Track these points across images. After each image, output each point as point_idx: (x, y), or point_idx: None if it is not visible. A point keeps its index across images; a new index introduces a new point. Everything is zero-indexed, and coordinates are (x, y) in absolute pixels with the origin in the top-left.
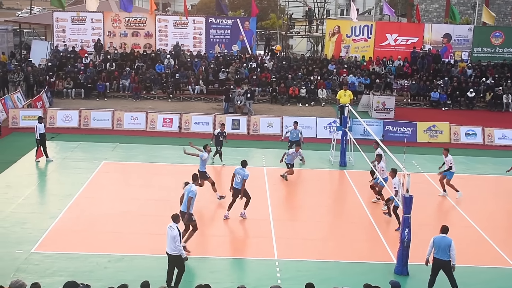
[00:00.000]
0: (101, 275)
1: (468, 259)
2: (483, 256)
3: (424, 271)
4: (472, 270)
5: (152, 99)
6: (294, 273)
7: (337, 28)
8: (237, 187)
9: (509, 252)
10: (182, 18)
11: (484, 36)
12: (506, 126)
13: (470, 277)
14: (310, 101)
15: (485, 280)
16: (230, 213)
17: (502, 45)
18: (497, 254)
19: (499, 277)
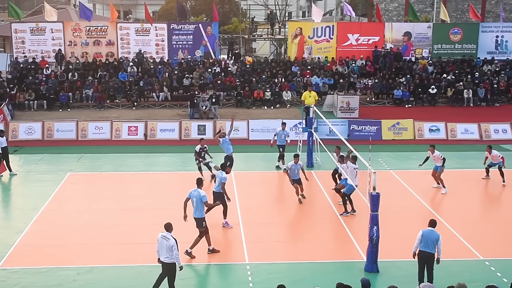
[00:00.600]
0: None
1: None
2: (450, 249)
3: (395, 268)
4: (441, 263)
5: (117, 108)
6: (266, 276)
7: (299, 30)
8: (216, 190)
9: (475, 244)
10: (144, 26)
11: (443, 33)
12: (468, 121)
13: (438, 270)
14: (275, 104)
15: (453, 272)
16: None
17: (461, 41)
18: (463, 246)
19: (466, 269)
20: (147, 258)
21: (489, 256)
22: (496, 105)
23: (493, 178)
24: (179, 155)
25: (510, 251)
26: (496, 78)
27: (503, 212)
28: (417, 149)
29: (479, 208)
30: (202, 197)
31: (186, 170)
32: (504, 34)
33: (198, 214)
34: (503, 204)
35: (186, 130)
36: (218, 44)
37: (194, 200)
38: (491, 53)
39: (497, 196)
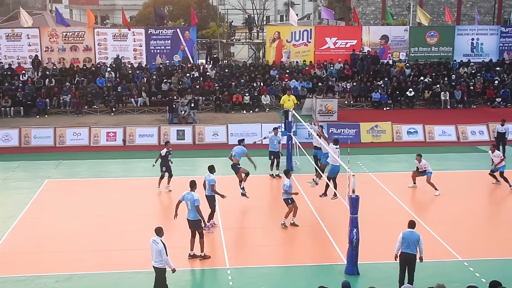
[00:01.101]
0: None
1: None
2: (429, 250)
3: (375, 270)
4: (420, 265)
5: (95, 114)
6: (247, 281)
7: (277, 34)
8: (208, 194)
9: (454, 245)
10: (121, 31)
11: (420, 36)
12: (446, 123)
13: (418, 271)
14: (254, 108)
15: (432, 273)
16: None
17: (437, 44)
18: (442, 248)
19: (445, 270)
20: (127, 264)
21: (468, 257)
22: (473, 107)
23: (468, 179)
24: (159, 160)
25: (488, 252)
26: (472, 80)
27: (481, 213)
28: (395, 152)
29: (458, 209)
30: (195, 201)
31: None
32: (480, 36)
33: (193, 216)
34: (481, 205)
35: (165, 135)
36: (196, 49)
37: (189, 203)
38: (467, 56)
39: (476, 197)
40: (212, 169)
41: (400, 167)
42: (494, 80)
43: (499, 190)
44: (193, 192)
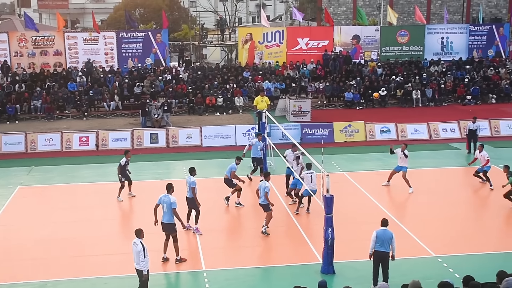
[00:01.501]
0: None
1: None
2: (404, 248)
3: (350, 269)
4: (395, 262)
5: (67, 119)
6: (223, 283)
7: (249, 36)
8: (189, 196)
9: (427, 241)
10: (92, 34)
11: (391, 36)
12: (417, 121)
13: (392, 269)
14: (227, 110)
15: (407, 270)
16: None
17: (408, 43)
18: (416, 244)
19: (419, 267)
20: (102, 270)
21: (441, 253)
22: (444, 104)
23: (440, 176)
24: (132, 164)
25: (461, 247)
26: (442, 79)
27: (453, 209)
28: (369, 151)
29: (431, 206)
30: (172, 204)
31: (140, 179)
32: (449, 35)
33: (167, 219)
34: (454, 201)
35: (139, 139)
36: (168, 52)
37: (165, 206)
38: (438, 54)
39: (448, 194)
40: (193, 171)
41: (373, 166)
42: (464, 78)
43: (472, 187)
44: (169, 195)
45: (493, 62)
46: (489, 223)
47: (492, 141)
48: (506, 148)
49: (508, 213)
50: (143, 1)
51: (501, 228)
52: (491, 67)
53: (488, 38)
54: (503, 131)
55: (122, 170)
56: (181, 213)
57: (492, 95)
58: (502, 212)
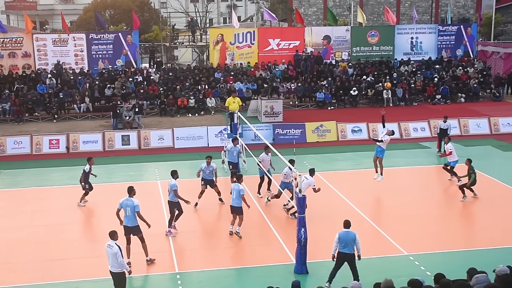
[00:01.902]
0: None
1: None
2: (376, 246)
3: (324, 268)
4: (366, 261)
5: (36, 121)
6: (196, 284)
7: (220, 36)
8: (171, 200)
9: (400, 240)
10: (61, 36)
11: (361, 36)
12: (388, 120)
13: (365, 268)
14: (199, 111)
15: (379, 269)
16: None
17: (378, 44)
18: (388, 243)
19: (392, 265)
20: (73, 274)
21: (413, 251)
22: (414, 104)
23: (412, 175)
24: (104, 167)
25: (431, 245)
26: (413, 78)
27: (424, 207)
28: (341, 150)
29: (402, 205)
30: (135, 207)
31: (111, 182)
32: (419, 35)
33: (132, 222)
34: (425, 200)
35: (110, 141)
36: (139, 53)
37: (128, 209)
38: (407, 54)
39: (419, 193)
40: (175, 174)
41: (346, 166)
42: (434, 78)
43: (442, 185)
44: (132, 198)
45: (462, 62)
46: (459, 220)
47: (461, 139)
48: (475, 147)
49: (476, 210)
50: (113, 2)
51: (469, 226)
52: (460, 66)
53: (456, 38)
54: (472, 129)
55: (85, 177)
56: (155, 216)
57: (461, 94)
58: (471, 209)
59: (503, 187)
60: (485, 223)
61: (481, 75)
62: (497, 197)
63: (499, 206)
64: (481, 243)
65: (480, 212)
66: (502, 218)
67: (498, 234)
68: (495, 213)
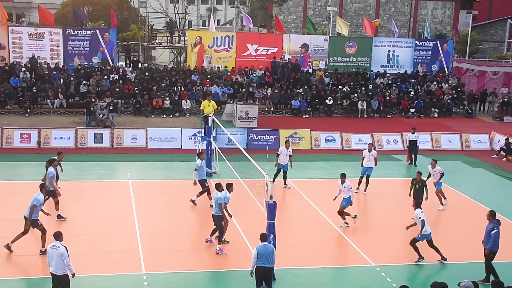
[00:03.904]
0: None
1: (330, 261)
2: (344, 256)
3: (290, 275)
4: (334, 271)
5: (8, 115)
6: (163, 286)
7: (198, 39)
8: (215, 213)
9: (367, 251)
10: (37, 30)
11: (339, 46)
12: (362, 131)
13: (332, 278)
14: (174, 112)
15: (346, 279)
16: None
17: (355, 54)
18: (356, 253)
19: (358, 275)
20: (39, 270)
21: (380, 262)
22: (388, 116)
23: (382, 186)
24: (74, 164)
25: (399, 257)
26: (388, 91)
27: (392, 219)
28: (314, 159)
29: (371, 215)
30: (34, 200)
31: (81, 179)
32: (396, 48)
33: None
34: (395, 212)
35: (82, 138)
36: (116, 51)
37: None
38: (384, 67)
39: (390, 204)
40: (219, 187)
41: (317, 174)
42: (409, 92)
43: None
44: (40, 193)
45: (437, 77)
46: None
47: (432, 154)
48: (446, 162)
49: (443, 225)
50: None
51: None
52: (435, 81)
53: (432, 53)
54: (444, 144)
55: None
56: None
57: (435, 109)
58: (439, 223)
59: (470, 202)
60: (451, 238)
61: (455, 91)
62: (464, 212)
63: (465, 221)
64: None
65: (447, 226)
66: (468, 233)
67: (463, 248)
68: (461, 228)
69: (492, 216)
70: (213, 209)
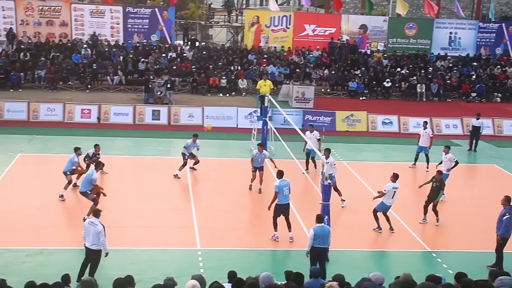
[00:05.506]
0: (18, 270)
1: (384, 244)
2: (399, 241)
3: (343, 257)
4: (388, 254)
5: (70, 90)
6: (217, 262)
7: (256, 18)
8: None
9: (423, 236)
10: (98, 7)
11: (399, 28)
12: (420, 115)
13: (386, 261)
14: (230, 91)
15: (400, 263)
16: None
17: (415, 36)
18: (412, 238)
19: (413, 260)
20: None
21: (436, 248)
22: (448, 100)
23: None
24: (133, 140)
25: (457, 244)
26: (448, 74)
27: (452, 206)
28: (369, 141)
29: None
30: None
31: (139, 155)
32: (458, 30)
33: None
34: (452, 198)
35: (140, 114)
36: (174, 29)
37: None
38: (445, 49)
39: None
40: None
41: (373, 157)
42: (471, 75)
43: (470, 184)
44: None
45: (501, 61)
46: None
47: (494, 140)
48: (507, 148)
49: None
50: None
51: None
52: (498, 65)
53: (497, 36)
54: (506, 130)
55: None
56: (180, 191)
57: (497, 93)
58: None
59: None
60: None
61: None
62: None
63: None
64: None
65: None
66: None
67: None
68: None
69: (507, 201)
70: (286, 198)
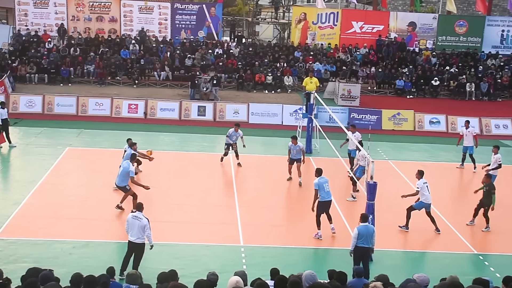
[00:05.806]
0: (65, 261)
1: (428, 245)
2: (446, 242)
3: (387, 257)
4: (433, 256)
5: (117, 85)
6: (260, 259)
7: (303, 15)
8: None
9: (470, 238)
10: (147, 3)
11: (449, 25)
12: (469, 114)
13: (432, 263)
14: (276, 88)
15: (446, 265)
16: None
17: (465, 34)
18: (458, 240)
19: (460, 262)
20: None
21: (483, 251)
22: (498, 100)
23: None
24: (178, 135)
25: (503, 247)
26: (499, 73)
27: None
28: (416, 141)
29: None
30: (129, 172)
31: (184, 150)
32: (510, 28)
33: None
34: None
35: (186, 110)
36: (221, 26)
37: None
38: (496, 48)
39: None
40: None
41: (420, 157)
42: None
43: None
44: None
45: None
46: None
47: None
48: None
49: None
50: None
51: None
52: None
53: None
54: None
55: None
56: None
57: None
58: None
59: None
60: None
61: None
62: None
63: None
64: None
65: None
66: None
67: None
68: None
69: None
70: (328, 195)
